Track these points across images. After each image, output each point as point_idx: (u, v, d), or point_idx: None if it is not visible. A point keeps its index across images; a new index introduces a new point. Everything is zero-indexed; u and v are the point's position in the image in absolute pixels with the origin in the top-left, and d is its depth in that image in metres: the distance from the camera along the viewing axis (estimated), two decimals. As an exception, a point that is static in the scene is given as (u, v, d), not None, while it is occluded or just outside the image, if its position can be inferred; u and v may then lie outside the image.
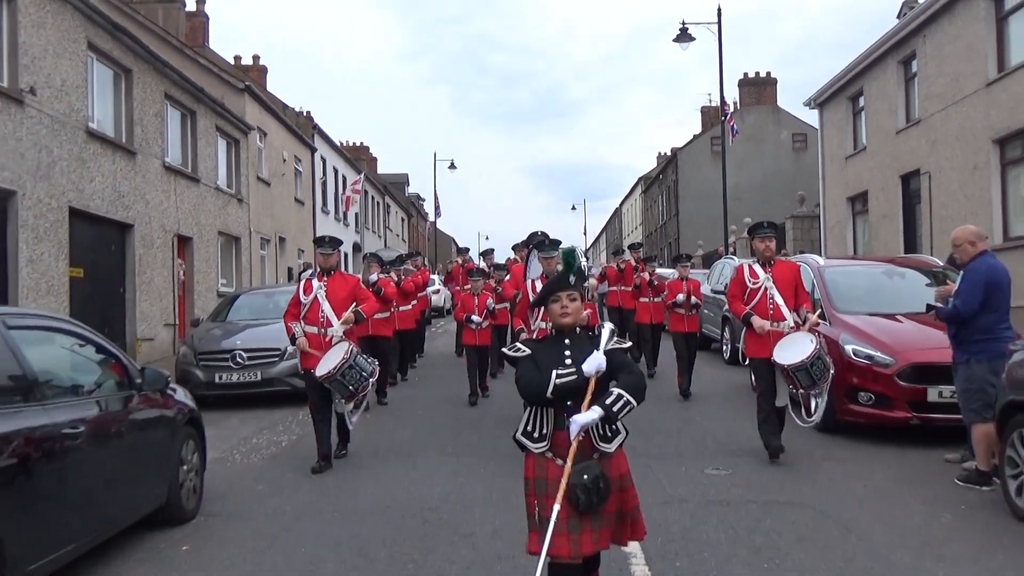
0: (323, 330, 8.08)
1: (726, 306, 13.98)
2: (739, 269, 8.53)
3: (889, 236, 21.29)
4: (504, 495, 6.70)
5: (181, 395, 6.81)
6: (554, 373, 3.75)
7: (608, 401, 3.64)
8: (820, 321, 8.58)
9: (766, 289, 8.08)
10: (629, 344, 4.12)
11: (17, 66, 13.25)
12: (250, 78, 29.14)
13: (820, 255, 16.14)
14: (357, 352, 7.89)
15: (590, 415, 3.63)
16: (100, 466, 5.31)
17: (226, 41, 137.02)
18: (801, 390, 7.79)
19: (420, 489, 7.28)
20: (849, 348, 9.00)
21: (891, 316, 9.55)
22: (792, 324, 7.92)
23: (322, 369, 7.67)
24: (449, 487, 7.36)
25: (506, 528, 5.87)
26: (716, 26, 26.36)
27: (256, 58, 36.19)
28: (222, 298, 20.44)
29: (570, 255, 4.21)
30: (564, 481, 3.62)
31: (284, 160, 29.54)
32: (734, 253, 26.72)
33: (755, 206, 39.46)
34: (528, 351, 3.90)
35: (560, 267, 6.47)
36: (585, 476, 3.62)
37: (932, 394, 8.37)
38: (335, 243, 8.54)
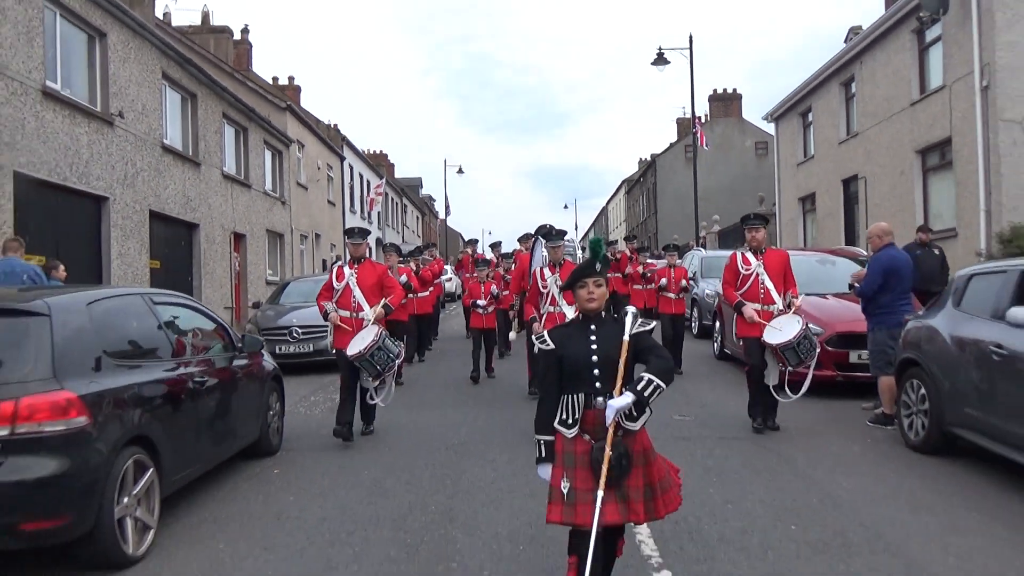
0: (354, 313, 7.72)
1: (695, 288, 14.80)
2: (732, 257, 8.17)
3: (833, 231, 21.69)
4: (516, 436, 7.57)
5: (267, 358, 7.67)
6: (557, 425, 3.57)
7: (640, 387, 3.42)
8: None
9: (757, 275, 7.78)
10: (652, 325, 3.83)
11: (108, 94, 14.01)
12: (287, 97, 29.59)
13: (774, 247, 16.80)
14: (385, 335, 7.50)
15: (624, 400, 3.41)
16: (217, 407, 6.18)
17: (264, 62, 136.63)
18: (790, 367, 7.45)
19: (449, 432, 8.07)
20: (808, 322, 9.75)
21: (822, 295, 10.16)
22: (781, 307, 7.66)
23: (353, 349, 7.31)
24: (472, 430, 8.20)
25: (520, 456, 6.66)
26: (688, 51, 26.96)
27: (291, 79, 36.52)
28: (271, 285, 21.27)
29: (597, 244, 3.82)
30: (605, 466, 3.40)
31: (319, 168, 30.10)
32: (703, 246, 27.14)
33: (723, 205, 39.83)
34: (552, 346, 3.61)
35: (568, 254, 7.00)
36: (611, 453, 3.42)
37: (853, 356, 9.12)
38: (364, 233, 8.20)
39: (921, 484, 5.95)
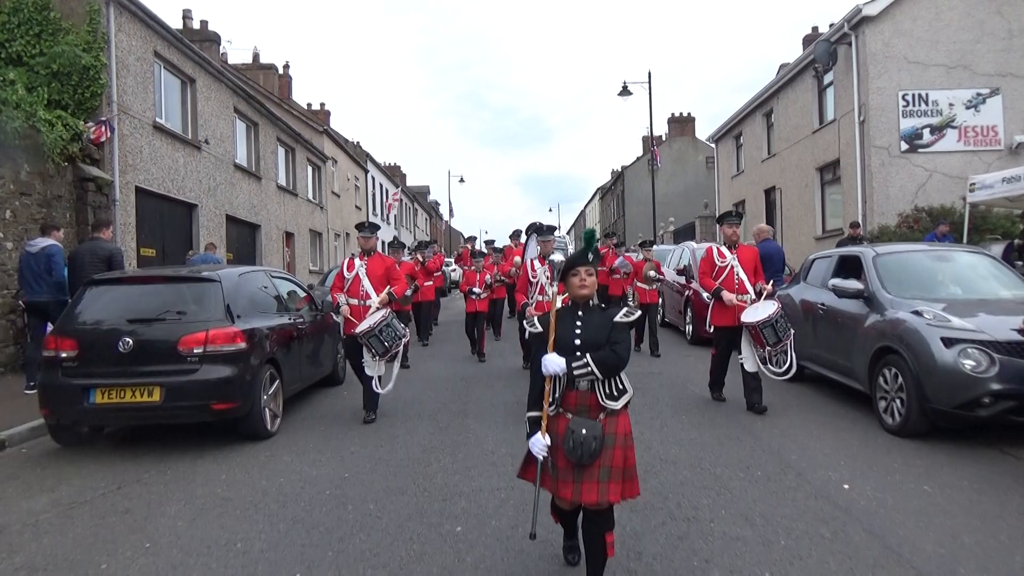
0: (363, 301, 7.27)
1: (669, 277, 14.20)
2: (708, 250, 7.70)
3: None
4: (506, 378, 9.37)
5: (335, 318, 9.46)
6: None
7: (575, 363, 3.12)
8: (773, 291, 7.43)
9: (732, 267, 7.36)
10: (637, 315, 3.34)
11: (197, 126, 15.70)
12: (318, 120, 31.23)
13: (707, 244, 18.42)
14: (392, 316, 7.11)
15: (555, 360, 3.11)
16: (310, 346, 7.99)
17: (299, 89, 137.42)
18: (769, 347, 6.89)
19: (457, 375, 9.67)
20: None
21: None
22: (753, 296, 7.24)
23: (363, 327, 6.86)
24: (473, 374, 9.83)
25: (516, 387, 8.49)
26: (648, 84, 28.63)
27: (322, 104, 38.19)
28: (313, 274, 22.93)
29: (590, 235, 3.48)
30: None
31: (348, 179, 31.69)
32: (662, 242, 28.63)
33: (679, 210, 41.56)
34: (541, 329, 3.30)
35: (559, 250, 6.79)
36: (584, 431, 3.08)
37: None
38: (373, 228, 7.65)
39: (799, 412, 6.83)
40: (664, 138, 48.92)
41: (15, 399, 7.96)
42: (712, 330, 7.50)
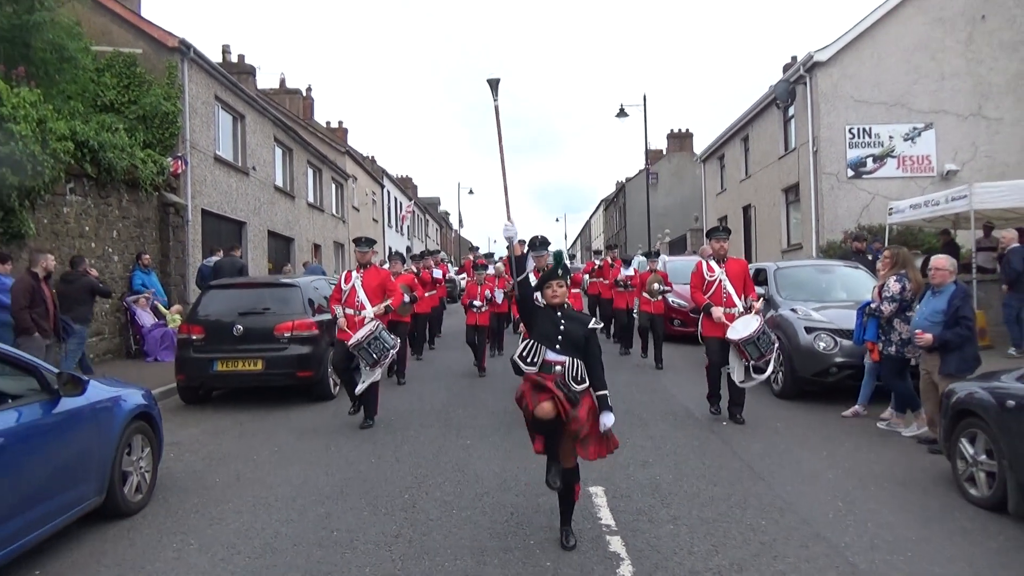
0: (358, 312, 7.50)
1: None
2: (699, 264, 7.79)
3: (737, 245, 24.50)
4: (500, 377, 11.33)
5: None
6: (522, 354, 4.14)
7: (600, 396, 4.09)
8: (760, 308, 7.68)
9: (720, 281, 7.44)
10: (600, 326, 4.17)
11: (245, 155, 18.36)
12: (339, 139, 33.83)
13: (697, 258, 20.82)
14: (382, 328, 7.32)
15: (609, 419, 4.07)
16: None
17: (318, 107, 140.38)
18: (752, 361, 7.10)
19: (454, 383, 10.84)
20: (671, 299, 12.31)
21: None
22: (742, 309, 7.33)
23: (352, 340, 7.16)
24: (469, 382, 10.90)
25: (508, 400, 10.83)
26: (643, 107, 30.89)
27: (340, 123, 40.74)
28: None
29: (559, 255, 4.31)
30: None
31: (367, 195, 34.29)
32: (658, 254, 30.76)
33: (676, 221, 43.48)
34: (542, 304, 4.26)
35: (550, 262, 6.78)
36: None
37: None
38: (370, 243, 7.87)
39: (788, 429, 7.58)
40: (664, 153, 51.24)
41: (127, 374, 10.54)
42: (702, 341, 7.68)
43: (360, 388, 7.32)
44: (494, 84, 4.67)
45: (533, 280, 8.79)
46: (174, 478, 5.85)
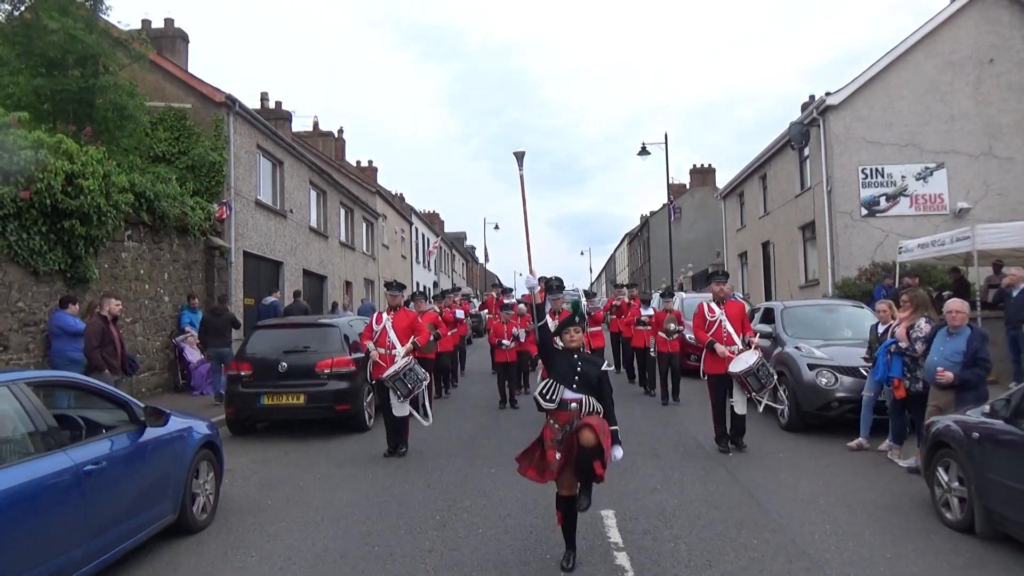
0: (389, 351, 8.09)
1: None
2: (700, 306, 8.31)
3: (757, 280, 25.69)
4: (523, 410, 12.35)
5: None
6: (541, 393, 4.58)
7: (614, 430, 4.49)
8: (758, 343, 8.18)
9: (720, 321, 7.94)
10: (612, 368, 4.38)
11: (284, 199, 19.38)
12: (368, 178, 34.91)
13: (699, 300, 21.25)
14: (415, 362, 7.96)
15: (618, 453, 4.51)
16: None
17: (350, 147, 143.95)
18: (754, 392, 7.66)
19: (479, 416, 11.58)
20: (687, 335, 11.91)
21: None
22: (741, 347, 7.82)
23: (389, 372, 7.75)
24: (494, 415, 11.93)
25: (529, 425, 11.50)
26: (664, 145, 31.41)
27: (370, 162, 41.91)
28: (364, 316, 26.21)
29: (576, 304, 4.77)
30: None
31: (396, 232, 35.33)
32: (681, 288, 31.09)
33: (700, 255, 43.90)
34: (561, 346, 4.69)
35: (565, 307, 8.20)
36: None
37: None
38: (400, 287, 8.51)
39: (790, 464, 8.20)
40: (687, 187, 51.79)
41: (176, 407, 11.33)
42: (706, 378, 8.11)
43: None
44: (519, 156, 5.35)
45: (550, 321, 9.50)
46: (232, 500, 6.56)
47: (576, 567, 4.77)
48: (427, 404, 8.02)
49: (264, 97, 27.68)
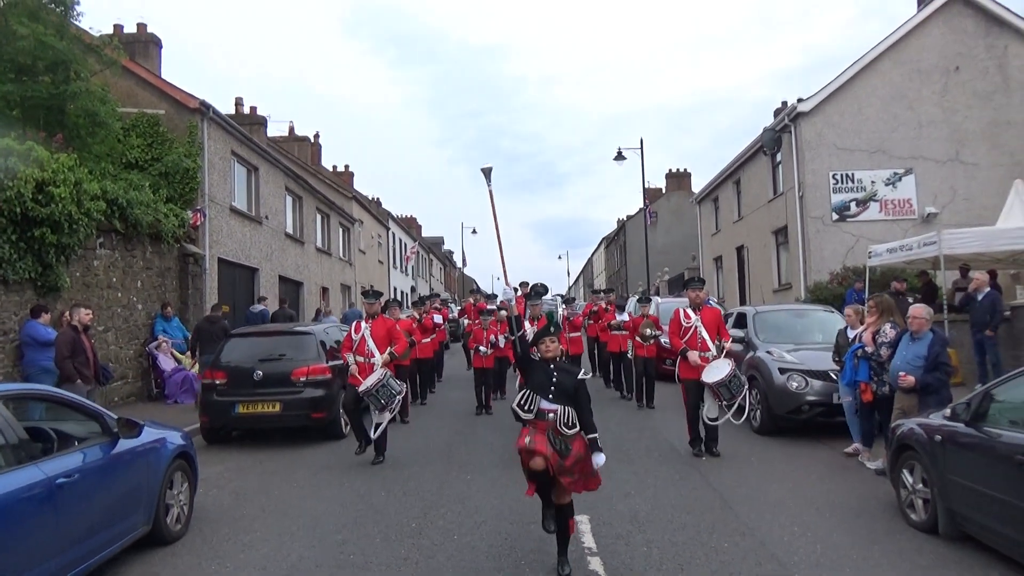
0: (368, 359, 8.13)
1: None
2: (676, 312, 8.38)
3: (732, 284, 26.01)
4: (499, 417, 12.39)
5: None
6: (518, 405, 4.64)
7: (591, 438, 4.56)
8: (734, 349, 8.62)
9: (696, 328, 8.00)
10: (589, 375, 4.49)
11: (259, 205, 19.25)
12: (345, 183, 34.67)
13: (676, 306, 21.43)
14: (390, 376, 7.96)
15: (600, 459, 4.55)
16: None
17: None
18: (725, 402, 7.77)
19: (456, 422, 11.55)
20: (663, 340, 12.85)
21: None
22: (715, 353, 7.90)
23: (363, 387, 7.74)
24: (471, 422, 11.72)
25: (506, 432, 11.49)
26: (640, 150, 31.64)
27: (347, 166, 41.97)
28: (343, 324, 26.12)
29: (552, 315, 4.87)
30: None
31: (372, 237, 35.18)
32: (657, 292, 31.33)
33: (676, 259, 44.06)
34: (538, 357, 4.72)
35: (543, 312, 8.76)
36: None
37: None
38: (377, 295, 8.54)
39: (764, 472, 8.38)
40: (663, 191, 52.14)
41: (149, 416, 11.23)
42: (680, 383, 8.30)
43: (375, 434, 7.87)
44: (487, 172, 5.42)
45: (528, 327, 9.23)
46: (206, 510, 6.53)
47: (550, 574, 4.83)
48: (398, 413, 7.99)
49: (239, 102, 27.48)
